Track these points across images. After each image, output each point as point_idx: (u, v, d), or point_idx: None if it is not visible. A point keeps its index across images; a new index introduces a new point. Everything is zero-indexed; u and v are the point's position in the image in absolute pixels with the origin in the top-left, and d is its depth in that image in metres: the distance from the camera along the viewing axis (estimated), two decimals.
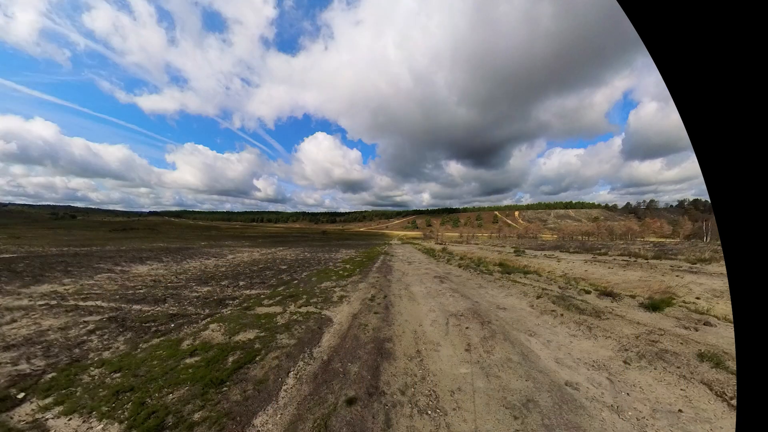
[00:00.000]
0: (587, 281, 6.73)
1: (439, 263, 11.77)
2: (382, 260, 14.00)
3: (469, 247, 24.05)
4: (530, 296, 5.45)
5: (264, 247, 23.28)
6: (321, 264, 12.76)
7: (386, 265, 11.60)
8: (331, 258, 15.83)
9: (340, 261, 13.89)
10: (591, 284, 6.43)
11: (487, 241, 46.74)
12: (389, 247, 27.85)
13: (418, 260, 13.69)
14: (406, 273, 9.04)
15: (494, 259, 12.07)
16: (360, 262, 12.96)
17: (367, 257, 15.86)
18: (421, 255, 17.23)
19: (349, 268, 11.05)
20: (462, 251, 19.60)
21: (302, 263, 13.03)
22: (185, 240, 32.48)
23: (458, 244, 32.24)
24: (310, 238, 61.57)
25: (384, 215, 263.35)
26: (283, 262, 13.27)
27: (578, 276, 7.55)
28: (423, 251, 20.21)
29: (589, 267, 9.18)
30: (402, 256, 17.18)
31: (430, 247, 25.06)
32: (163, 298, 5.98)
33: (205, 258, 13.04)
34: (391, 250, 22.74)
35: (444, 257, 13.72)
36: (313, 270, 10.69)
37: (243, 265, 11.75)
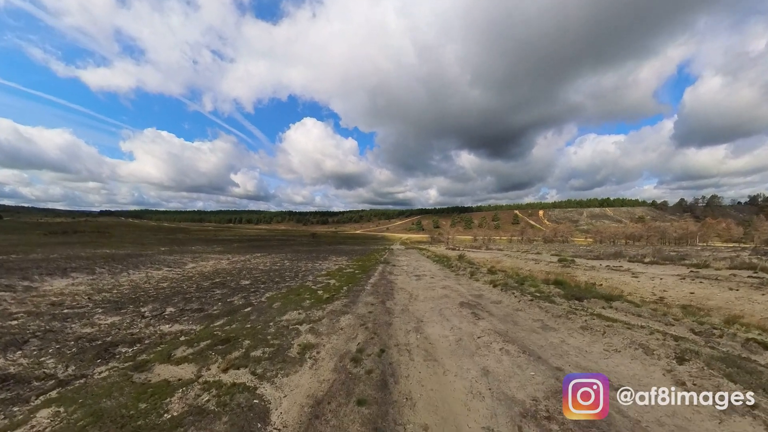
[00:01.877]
0: (734, 318, 4.33)
1: (460, 278, 9.86)
2: (381, 272, 12.13)
3: (491, 254, 22.16)
4: (661, 356, 3.31)
5: (237, 254, 22.44)
6: (297, 278, 10.94)
7: (386, 281, 9.71)
8: (314, 268, 14.12)
9: (325, 273, 12.05)
10: (751, 326, 4.15)
11: (511, 246, 44.86)
12: (390, 254, 26.08)
13: (430, 272, 11.80)
14: (416, 296, 7.13)
15: (537, 271, 10.14)
16: (350, 276, 11.10)
17: (361, 268, 14.02)
18: (432, 265, 15.34)
19: (334, 285, 9.17)
20: (484, 259, 17.71)
21: (273, 276, 11.29)
22: (141, 245, 31.01)
23: (476, 250, 30.39)
24: (296, 241, 60.34)
25: (384, 215, 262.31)
26: (250, 274, 11.75)
27: (698, 305, 5.38)
28: (434, 259, 18.33)
29: (696, 287, 7.06)
30: (407, 265, 15.33)
31: (442, 254, 23.21)
32: (26, 338, 4.27)
33: (154, 268, 12.18)
34: (393, 258, 20.95)
35: (464, 268, 11.81)
36: (283, 288, 8.85)
37: (195, 279, 10.26)
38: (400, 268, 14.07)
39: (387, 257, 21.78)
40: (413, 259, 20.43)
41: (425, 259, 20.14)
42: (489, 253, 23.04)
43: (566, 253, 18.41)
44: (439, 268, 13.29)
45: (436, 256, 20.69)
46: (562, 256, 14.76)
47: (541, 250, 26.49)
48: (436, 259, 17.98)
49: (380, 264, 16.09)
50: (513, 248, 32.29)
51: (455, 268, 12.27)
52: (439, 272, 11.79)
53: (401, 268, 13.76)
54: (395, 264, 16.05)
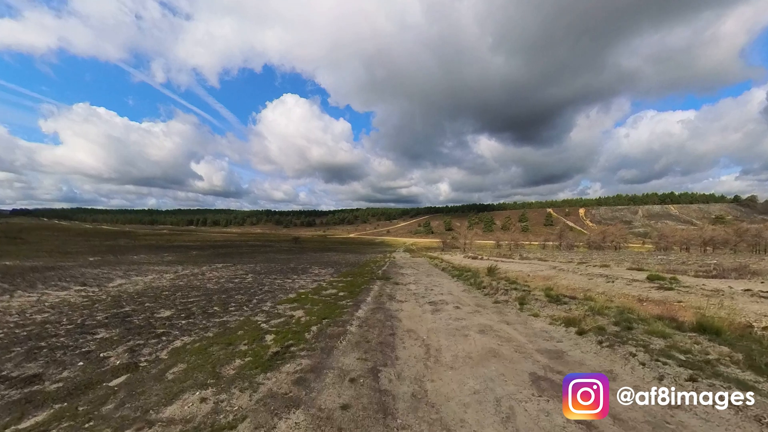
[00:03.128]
0: None
1: (503, 308, 7.51)
2: (377, 296, 9.83)
3: (532, 266, 19.83)
4: None
5: (192, 265, 21.97)
6: (249, 306, 8.75)
7: (384, 314, 7.39)
8: (282, 288, 12.06)
9: (293, 298, 9.80)
10: None
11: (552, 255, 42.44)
12: (392, 265, 23.84)
13: (452, 296, 9.46)
14: (436, 352, 4.72)
15: (631, 299, 7.78)
16: (329, 303, 8.81)
17: (349, 287, 11.75)
18: (452, 283, 13.03)
19: (299, 321, 6.88)
20: (526, 275, 15.41)
21: (214, 303, 9.22)
22: (63, 255, 29.14)
23: (506, 260, 28.06)
24: (273, 248, 58.88)
25: (384, 215, 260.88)
26: (186, 297, 10.05)
27: None
28: (453, 273, 16.02)
29: None
30: (415, 284, 13.02)
31: (462, 265, 20.90)
32: None
33: (59, 287, 11.36)
34: (396, 271, 18.69)
35: (504, 290, 9.46)
36: (212, 327, 6.64)
37: (98, 306, 8.82)
38: (406, 288, 11.76)
39: (387, 270, 19.52)
40: (423, 272, 18.14)
41: (440, 272, 17.84)
42: (527, 265, 20.71)
43: (648, 267, 15.89)
44: (465, 289, 10.97)
45: (454, 269, 18.39)
46: (649, 272, 12.35)
47: (599, 260, 24.12)
48: (456, 274, 15.66)
49: (377, 281, 13.82)
50: (557, 257, 29.84)
51: (490, 290, 9.93)
52: (465, 296, 9.45)
53: (407, 289, 11.45)
54: (399, 281, 13.75)
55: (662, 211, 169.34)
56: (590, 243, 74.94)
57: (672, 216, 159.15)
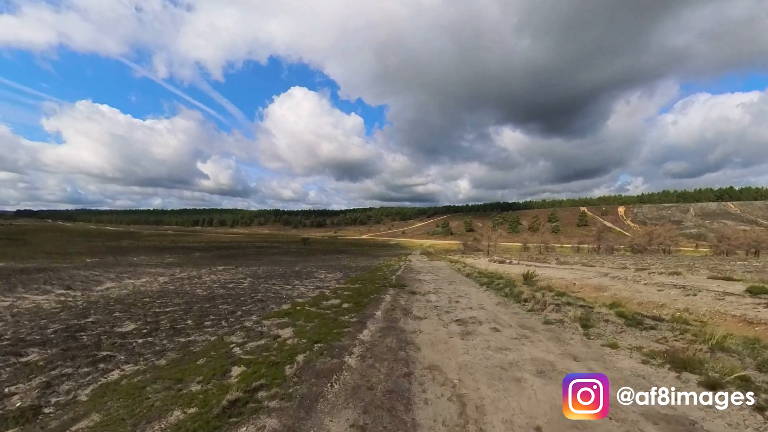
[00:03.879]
0: None
1: (559, 333, 5.83)
2: (389, 309, 8.36)
3: (574, 273, 17.70)
4: None
5: (192, 267, 22.31)
6: (230, 319, 7.58)
7: (397, 337, 5.91)
8: (277, 296, 11.07)
9: (286, 310, 8.55)
10: None
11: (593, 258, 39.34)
12: (407, 269, 22.30)
13: (484, 313, 7.83)
14: (479, 413, 3.18)
15: (737, 319, 5.94)
16: (329, 318, 7.43)
17: (356, 297, 10.37)
18: (482, 293, 11.35)
19: (283, 343, 5.52)
20: (571, 283, 13.51)
21: (191, 315, 8.13)
22: (61, 256, 29.81)
23: (541, 264, 25.81)
24: (280, 249, 58.94)
25: (399, 214, 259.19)
26: (165, 305, 9.39)
27: None
28: (482, 282, 14.28)
29: None
30: (436, 293, 11.45)
31: (490, 271, 19.04)
32: None
33: (39, 291, 11.48)
34: (412, 277, 17.15)
35: (553, 306, 7.73)
36: (172, 350, 5.46)
37: (58, 316, 8.17)
38: (425, 299, 10.22)
39: (402, 275, 18.02)
40: (444, 278, 16.48)
41: (464, 279, 16.12)
42: (570, 271, 18.57)
43: (735, 275, 13.32)
44: (499, 302, 9.29)
45: (481, 275, 16.61)
46: (748, 283, 10.06)
47: (663, 266, 21.48)
48: (484, 281, 13.92)
49: (390, 289, 12.36)
50: (603, 262, 27.22)
51: (534, 304, 8.21)
52: (503, 312, 7.79)
53: (426, 300, 9.90)
54: (415, 289, 12.22)
55: (719, 209, 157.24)
56: (633, 246, 70.06)
57: (731, 215, 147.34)
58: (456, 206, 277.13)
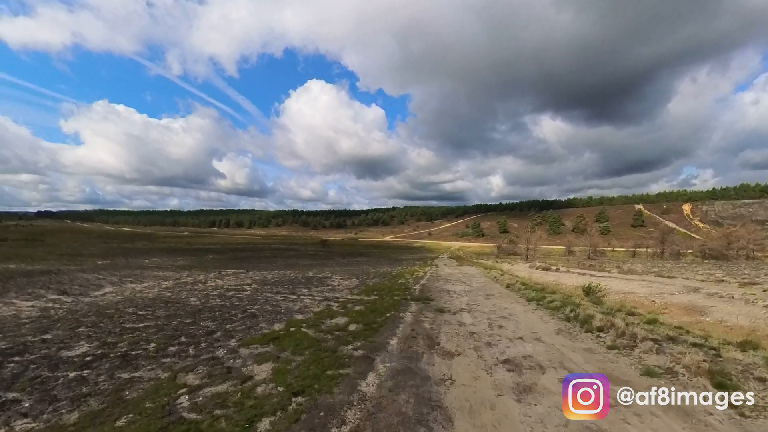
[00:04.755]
0: None
1: (683, 392, 3.88)
2: (408, 336, 6.70)
3: (649, 286, 14.95)
4: None
5: (201, 270, 22.82)
6: (188, 351, 6.27)
7: (416, 405, 4.22)
8: (276, 309, 10.32)
9: (273, 334, 7.13)
10: None
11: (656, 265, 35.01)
12: (433, 277, 20.44)
13: (552, 355, 5.89)
14: None
15: None
16: (320, 356, 5.91)
17: (368, 316, 8.80)
18: (534, 315, 9.37)
19: (241, 405, 3.99)
20: (652, 301, 11.18)
21: (153, 336, 7.29)
22: (74, 258, 31.13)
23: (596, 273, 22.84)
24: (297, 252, 59.10)
25: (424, 214, 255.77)
26: (138, 320, 8.81)
27: None
28: (528, 296, 12.17)
29: None
30: (470, 311, 9.61)
31: (535, 280, 16.71)
32: None
33: (25, 297, 11.64)
34: (438, 287, 15.32)
35: (655, 342, 5.67)
36: (38, 422, 3.99)
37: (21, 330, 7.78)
38: (456, 320, 8.41)
39: (427, 285, 16.23)
40: (479, 290, 14.47)
41: (504, 291, 14.02)
42: (639, 283, 15.78)
43: None
44: (559, 328, 7.28)
45: (525, 286, 14.41)
46: None
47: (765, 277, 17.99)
48: (532, 295, 11.79)
49: (412, 303, 10.67)
50: (681, 272, 23.62)
51: (614, 335, 6.16)
52: (569, 348, 5.84)
53: (458, 322, 8.10)
54: (444, 305, 10.42)
55: None
56: (706, 250, 62.78)
57: None
58: (488, 205, 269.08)
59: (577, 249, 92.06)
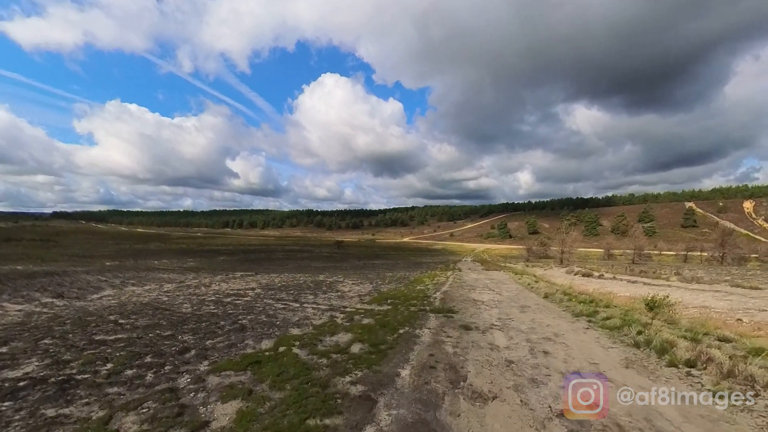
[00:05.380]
0: None
1: None
2: (425, 366, 5.53)
3: (725, 300, 12.85)
4: None
5: (209, 272, 23.14)
6: (144, 378, 5.33)
7: None
8: (269, 322, 9.69)
9: (253, 358, 6.08)
10: None
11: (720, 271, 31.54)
12: (456, 283, 18.97)
13: (644, 419, 4.44)
14: None
15: None
16: (303, 397, 4.72)
17: (377, 334, 7.63)
18: (586, 336, 7.85)
19: None
20: (737, 318, 9.34)
21: (115, 353, 6.37)
22: (84, 259, 31.98)
23: (652, 282, 20.50)
24: (311, 253, 58.90)
25: (446, 214, 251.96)
26: (111, 332, 7.94)
27: None
28: (574, 310, 10.54)
29: None
30: (504, 329, 8.23)
31: (575, 288, 14.90)
32: None
33: (21, 299, 11.85)
34: (463, 296, 13.88)
35: None
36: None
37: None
38: (487, 340, 7.01)
39: (450, 292, 14.84)
40: (511, 299, 12.90)
41: (543, 302, 12.38)
42: (711, 294, 13.62)
43: None
44: (627, 359, 5.75)
45: (569, 297, 12.69)
46: None
47: None
48: (579, 309, 10.12)
49: (431, 316, 9.33)
50: (759, 279, 20.81)
51: (717, 375, 4.61)
52: (653, 394, 4.36)
53: (490, 345, 6.70)
54: (469, 320, 9.02)
55: None
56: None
57: None
58: (515, 203, 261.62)
59: (618, 252, 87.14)
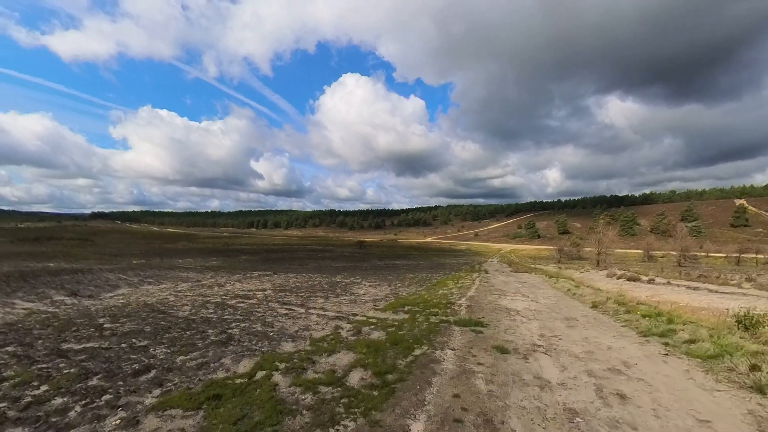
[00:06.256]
0: None
1: None
2: (448, 410, 3.77)
3: None
4: None
5: (227, 271, 23.11)
6: (106, 392, 3.92)
7: None
8: (264, 333, 8.41)
9: (216, 390, 4.66)
10: None
11: None
12: (483, 287, 16.98)
13: None
14: None
15: None
16: None
17: (385, 354, 6.12)
18: (676, 368, 5.90)
19: None
20: None
21: (74, 366, 5.18)
22: (114, 256, 32.67)
23: (718, 288, 17.54)
24: (332, 253, 58.22)
25: (470, 213, 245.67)
26: (86, 340, 7.13)
27: None
28: (639, 327, 8.44)
29: None
30: (550, 352, 6.49)
31: (626, 294, 12.57)
32: None
33: (35, 296, 12.04)
34: (492, 304, 11.96)
35: None
36: None
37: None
38: (531, 370, 5.28)
39: (477, 298, 12.94)
40: (550, 308, 10.85)
41: (594, 315, 10.25)
42: None
43: None
44: (757, 417, 3.83)
45: (624, 308, 10.47)
46: None
47: None
48: (645, 326, 7.99)
49: (455, 330, 7.63)
50: None
51: None
52: None
53: (536, 379, 4.98)
54: (504, 336, 7.22)
55: None
56: None
57: None
58: (544, 202, 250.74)
59: (659, 254, 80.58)
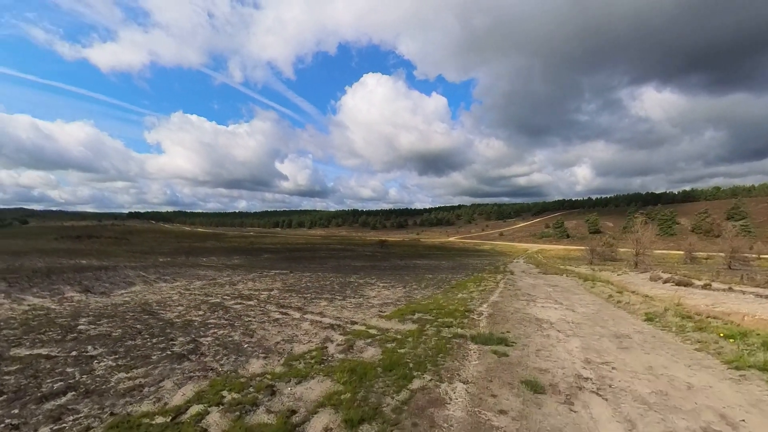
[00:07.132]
0: None
1: None
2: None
3: None
4: None
5: (245, 270, 23.29)
6: None
7: None
8: (259, 343, 7.02)
9: (170, 411, 3.28)
10: None
11: None
12: (508, 291, 15.08)
13: None
14: None
15: None
16: None
17: (372, 387, 4.70)
18: None
19: None
20: None
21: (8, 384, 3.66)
22: (143, 254, 33.56)
23: None
24: (353, 252, 57.57)
25: (494, 212, 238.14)
26: (49, 343, 6.36)
27: None
28: (718, 348, 6.54)
29: None
30: (600, 389, 4.81)
31: (684, 304, 10.32)
32: None
33: (48, 292, 12.35)
34: (520, 312, 10.19)
35: None
36: None
37: None
38: (577, 421, 3.55)
39: (500, 305, 11.15)
40: (593, 320, 8.96)
41: (651, 331, 8.30)
42: None
43: None
44: None
45: (691, 322, 8.38)
46: None
47: None
48: (735, 353, 6.07)
49: (471, 350, 6.11)
50: None
51: None
52: None
53: None
54: (535, 362, 5.66)
55: None
56: None
57: None
58: (573, 200, 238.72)
59: (702, 255, 73.42)
